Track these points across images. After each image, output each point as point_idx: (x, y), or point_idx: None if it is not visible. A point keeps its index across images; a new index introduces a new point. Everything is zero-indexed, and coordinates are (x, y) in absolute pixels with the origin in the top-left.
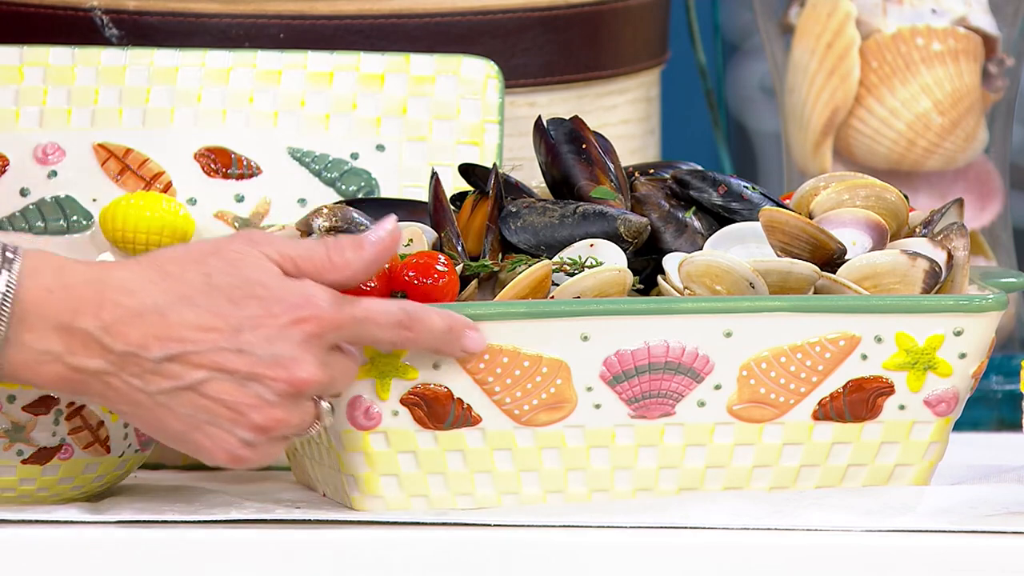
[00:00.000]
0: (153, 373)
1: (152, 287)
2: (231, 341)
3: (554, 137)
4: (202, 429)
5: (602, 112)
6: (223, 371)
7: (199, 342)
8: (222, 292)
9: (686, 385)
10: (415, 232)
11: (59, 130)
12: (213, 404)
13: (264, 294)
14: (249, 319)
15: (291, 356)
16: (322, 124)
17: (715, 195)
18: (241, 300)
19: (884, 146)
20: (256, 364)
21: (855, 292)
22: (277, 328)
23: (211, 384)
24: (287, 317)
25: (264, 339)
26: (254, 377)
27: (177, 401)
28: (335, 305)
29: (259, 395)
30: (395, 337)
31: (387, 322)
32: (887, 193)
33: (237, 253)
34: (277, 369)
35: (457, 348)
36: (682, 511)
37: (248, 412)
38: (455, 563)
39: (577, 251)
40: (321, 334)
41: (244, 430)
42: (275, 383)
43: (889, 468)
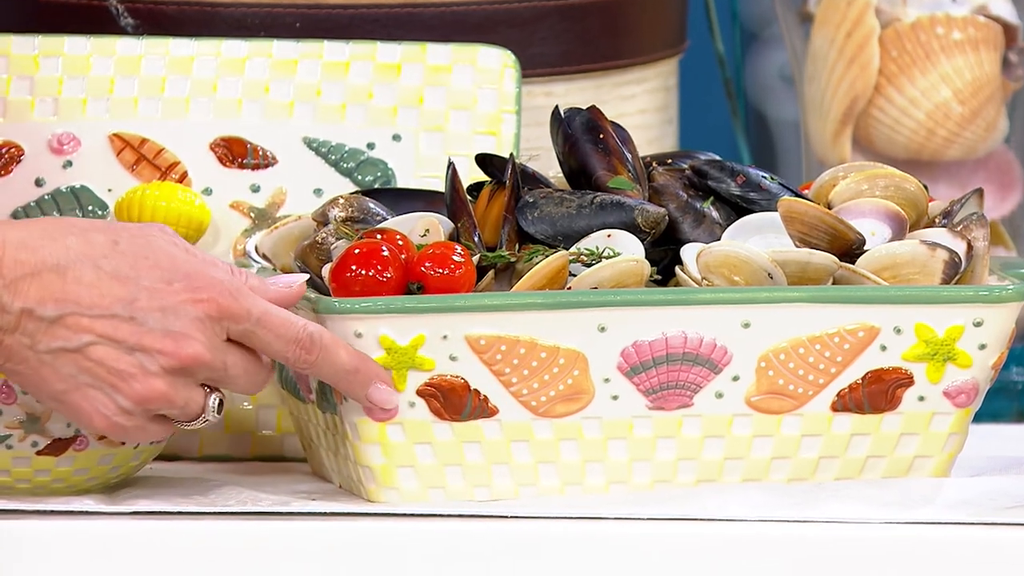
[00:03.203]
0: (44, 332)
1: (54, 245)
2: (126, 308)
3: (571, 127)
4: (82, 391)
5: (620, 102)
6: (111, 337)
7: (93, 306)
8: (126, 258)
9: (704, 376)
10: (432, 223)
11: (74, 120)
12: (96, 367)
13: (168, 265)
14: (148, 288)
15: (181, 331)
16: (338, 114)
17: (733, 185)
18: (144, 268)
19: (903, 136)
20: (145, 334)
21: (874, 283)
22: (173, 301)
23: (96, 348)
24: (186, 293)
25: (158, 309)
26: (140, 346)
27: (61, 361)
28: (237, 295)
29: (142, 365)
30: (291, 355)
31: (285, 334)
32: (906, 183)
33: (151, 228)
34: (165, 341)
35: (362, 395)
36: (700, 503)
37: (129, 380)
38: (472, 555)
39: (594, 241)
40: (218, 318)
41: (124, 398)
42: (160, 355)
43: (908, 460)
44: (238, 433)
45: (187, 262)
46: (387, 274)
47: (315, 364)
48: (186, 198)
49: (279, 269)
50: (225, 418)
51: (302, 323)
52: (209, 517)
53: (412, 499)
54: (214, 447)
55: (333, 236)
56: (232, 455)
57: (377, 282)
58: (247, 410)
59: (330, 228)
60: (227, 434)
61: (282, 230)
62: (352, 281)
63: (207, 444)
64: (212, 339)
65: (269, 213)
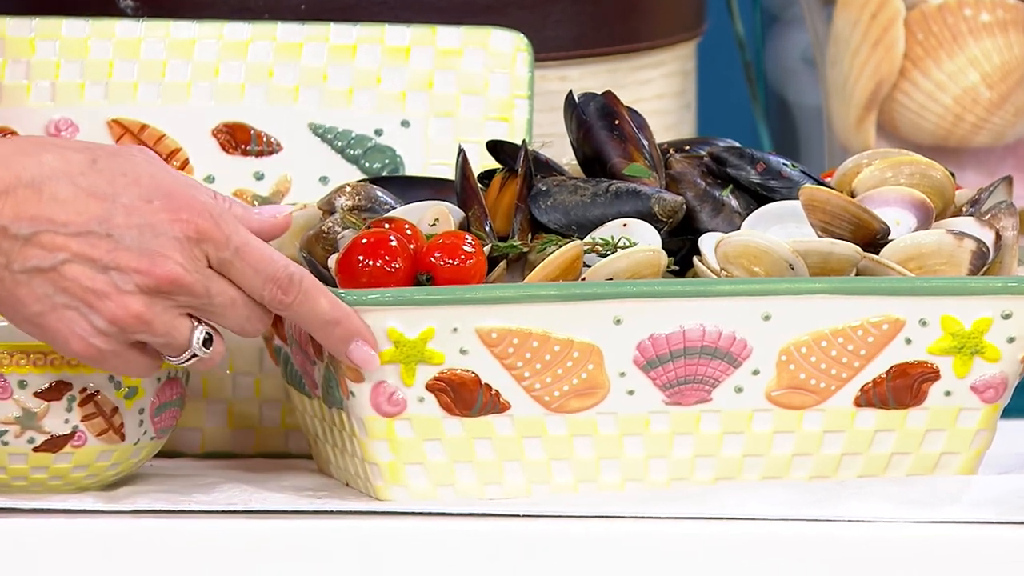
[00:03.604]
0: (18, 251)
1: (29, 161)
2: (102, 225)
3: (586, 113)
4: (57, 312)
5: (636, 86)
6: (86, 255)
7: (68, 223)
8: (104, 175)
9: (723, 370)
10: (441, 211)
11: (72, 105)
12: (71, 286)
13: (148, 184)
14: (125, 206)
15: (158, 250)
16: (345, 99)
17: (753, 173)
18: (122, 186)
19: (930, 121)
20: (120, 252)
21: (899, 274)
22: (152, 219)
23: (71, 267)
24: (165, 212)
25: (135, 227)
26: (115, 264)
27: (37, 281)
28: (219, 219)
29: (116, 283)
30: (267, 293)
31: (263, 270)
32: (932, 170)
33: (132, 148)
34: (141, 260)
35: (340, 350)
36: (719, 501)
37: (103, 299)
38: (483, 555)
39: (610, 231)
40: (196, 240)
41: (99, 318)
42: (135, 274)
43: (934, 457)
44: (241, 429)
45: (168, 181)
46: (395, 265)
47: (291, 307)
48: None
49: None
50: (228, 414)
51: (284, 261)
52: (211, 516)
53: (421, 497)
54: (216, 443)
55: (339, 225)
56: (235, 451)
57: (385, 273)
58: (251, 405)
59: (336, 217)
60: (230, 430)
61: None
62: (359, 272)
63: (209, 440)
64: (191, 261)
65: (273, 202)
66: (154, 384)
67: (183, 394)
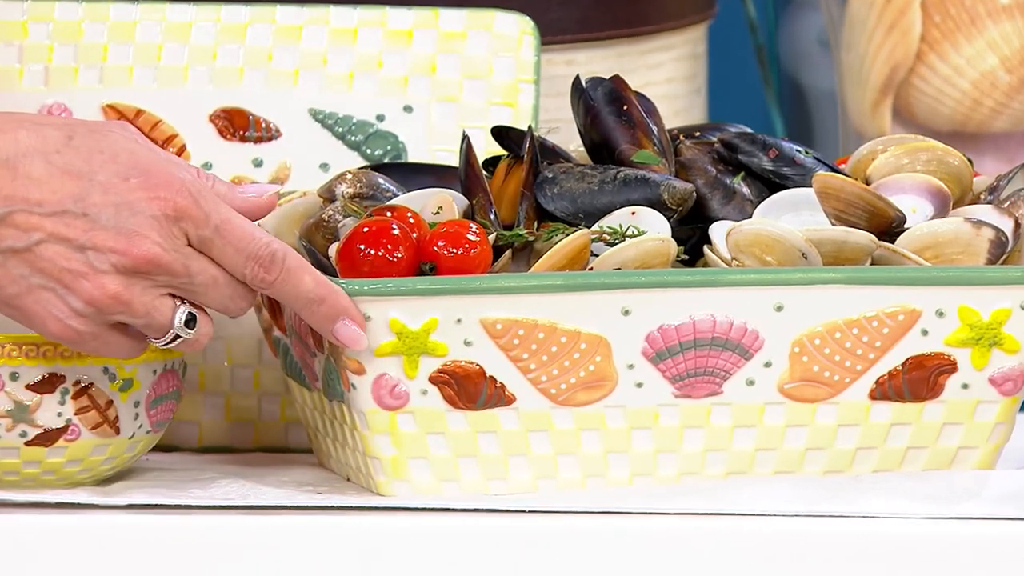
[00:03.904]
0: None
1: (3, 138)
2: (78, 204)
3: (593, 98)
4: (34, 293)
5: (645, 71)
6: (61, 235)
7: (43, 202)
8: (80, 153)
9: (734, 362)
10: (445, 199)
11: (66, 90)
12: (48, 267)
13: (126, 160)
14: (102, 184)
15: (135, 229)
16: (346, 84)
17: (765, 159)
18: (99, 163)
19: (947, 106)
20: (96, 231)
21: (915, 263)
22: (129, 197)
23: (47, 247)
24: (142, 191)
25: (112, 206)
26: (92, 244)
27: (13, 262)
28: (198, 197)
29: (93, 264)
30: (248, 272)
31: (244, 248)
32: (950, 157)
33: (111, 123)
34: (117, 239)
35: (326, 328)
36: (730, 496)
37: (80, 279)
38: (488, 552)
39: (618, 219)
40: (175, 219)
41: (76, 299)
42: (112, 254)
43: (952, 451)
44: (240, 422)
45: (147, 158)
46: (397, 254)
47: (274, 285)
48: None
49: None
50: (226, 407)
51: (266, 239)
52: (209, 511)
53: (424, 493)
54: (214, 437)
55: (340, 214)
56: (233, 446)
57: (387, 262)
58: (249, 398)
59: (337, 205)
60: (228, 423)
61: (286, 207)
62: (360, 261)
63: (207, 434)
64: (169, 240)
65: None
66: (150, 376)
67: (180, 387)
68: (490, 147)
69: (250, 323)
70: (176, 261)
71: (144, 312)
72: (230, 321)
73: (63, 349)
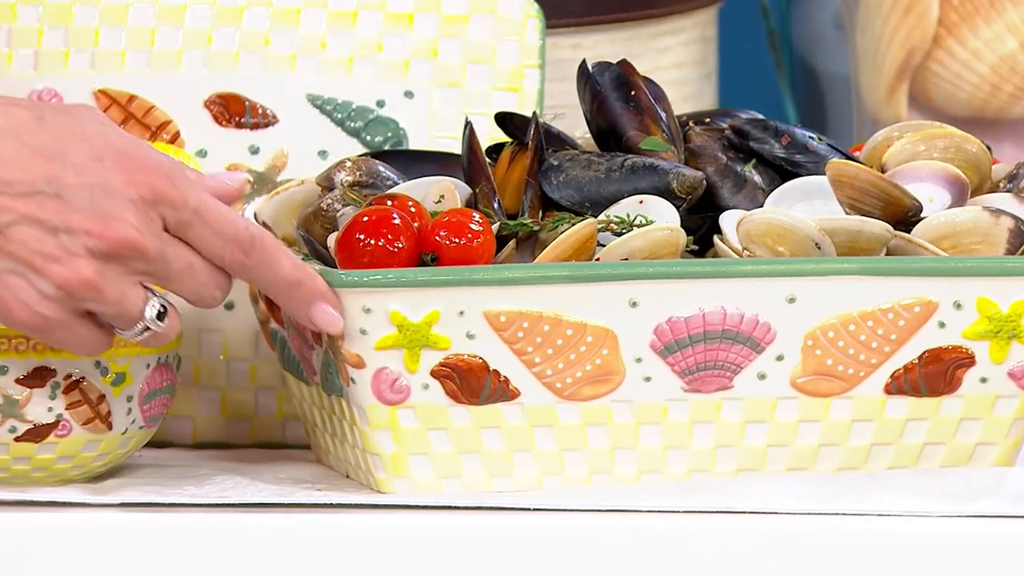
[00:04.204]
0: None
1: None
2: (51, 185)
3: (600, 83)
4: (2, 278)
5: (653, 55)
6: (34, 216)
7: (15, 183)
8: (51, 133)
9: (745, 356)
10: (447, 187)
11: (56, 75)
12: (18, 250)
13: (100, 142)
14: (76, 165)
15: (111, 211)
16: (345, 68)
17: (777, 146)
18: (72, 144)
19: (965, 91)
20: (71, 213)
21: (932, 253)
22: (104, 179)
23: (19, 229)
24: (119, 173)
25: (87, 187)
26: (66, 226)
27: None
28: (175, 179)
29: (66, 246)
30: (227, 255)
31: (223, 230)
32: (968, 144)
33: (80, 105)
34: (93, 221)
35: (302, 312)
36: (741, 494)
37: (52, 263)
38: (491, 551)
39: (625, 208)
40: (152, 202)
41: (46, 282)
42: (87, 237)
43: (969, 447)
44: (236, 418)
45: (120, 140)
46: (398, 244)
47: (252, 269)
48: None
49: (280, 237)
50: (221, 401)
51: (244, 222)
52: (204, 509)
53: (425, 490)
54: (209, 433)
55: (339, 202)
56: (229, 441)
57: (387, 252)
58: (245, 393)
59: (336, 194)
60: (223, 418)
61: (283, 196)
62: (360, 251)
63: (202, 430)
64: (147, 224)
65: (269, 177)
66: (143, 370)
67: (174, 381)
68: (494, 134)
69: (246, 315)
70: (153, 246)
71: (116, 299)
72: (226, 313)
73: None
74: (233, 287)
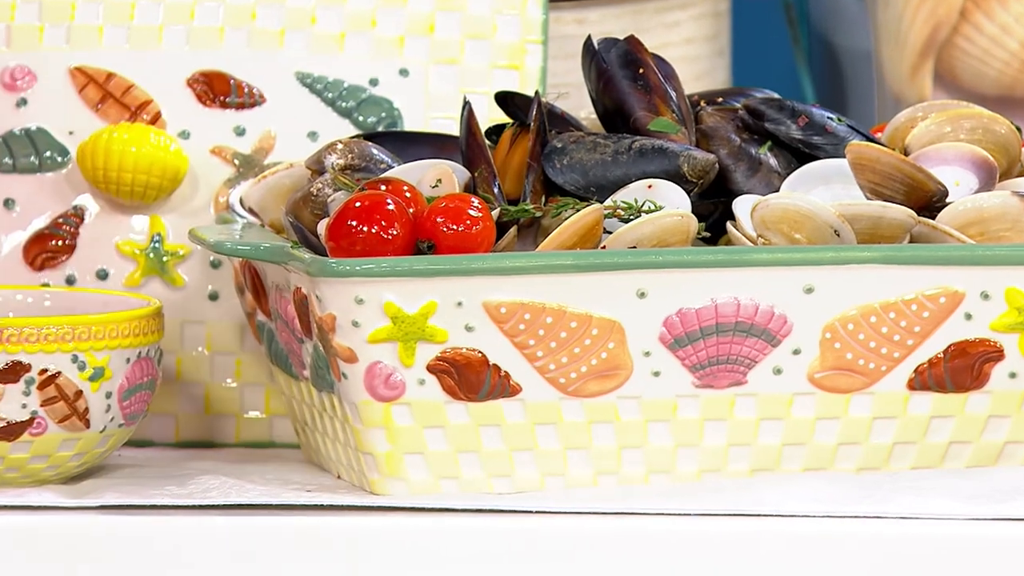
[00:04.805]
0: None
1: None
2: None
3: (606, 60)
4: None
5: (662, 30)
6: None
7: None
8: None
9: (760, 349)
10: (444, 171)
11: (30, 51)
12: None
13: None
14: None
15: None
16: (336, 44)
17: (794, 127)
18: None
19: (994, 68)
20: None
21: (958, 240)
22: None
23: None
24: None
25: None
26: None
27: None
28: None
29: None
30: None
31: None
32: (996, 124)
33: None
34: None
35: None
36: (755, 496)
37: None
38: (490, 556)
39: (633, 193)
40: None
41: None
42: None
43: (998, 446)
44: (220, 415)
45: None
46: (393, 231)
47: None
48: (159, 143)
49: (268, 224)
50: (205, 398)
51: None
52: (187, 511)
53: (421, 491)
54: (193, 431)
55: (330, 187)
56: (214, 440)
57: (381, 240)
58: (230, 389)
59: (326, 178)
60: (207, 416)
61: (271, 180)
62: (352, 239)
63: (185, 428)
64: None
65: (256, 160)
66: (123, 365)
67: (155, 376)
68: (494, 114)
69: (231, 306)
70: None
71: None
72: (210, 304)
73: (28, 335)
74: (218, 276)
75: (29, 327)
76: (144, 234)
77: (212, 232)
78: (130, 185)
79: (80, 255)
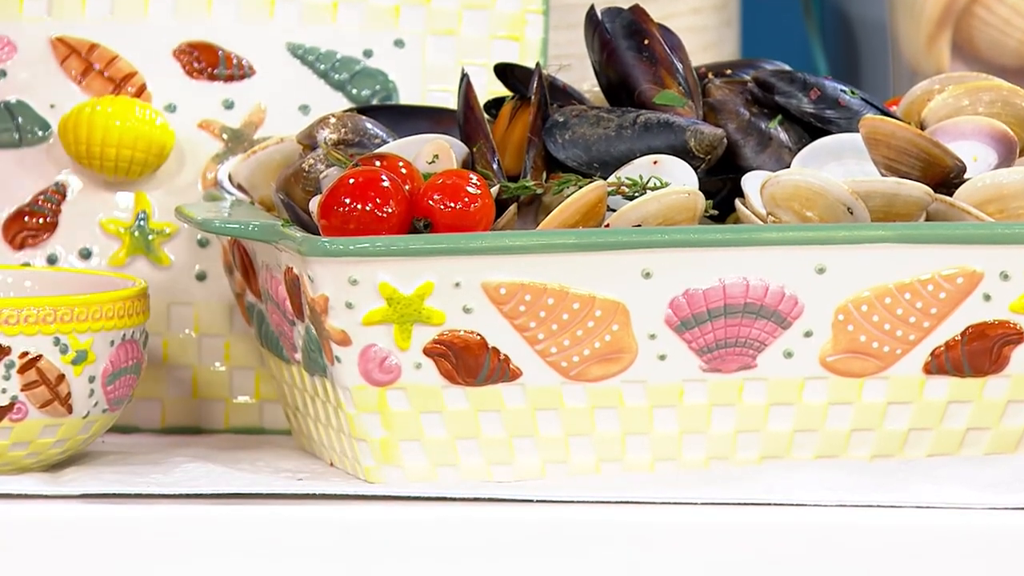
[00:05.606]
0: None
1: None
2: None
3: (610, 31)
4: None
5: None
6: None
7: None
8: None
9: (770, 332)
10: (441, 146)
11: (10, 20)
12: None
13: None
14: None
15: None
16: (328, 14)
17: (806, 101)
18: None
19: (1014, 39)
20: None
21: (976, 218)
22: None
23: None
24: None
25: None
26: None
27: None
28: None
29: None
30: None
31: None
32: (1017, 97)
33: None
34: None
35: None
36: (764, 484)
37: None
38: (489, 546)
39: (638, 169)
40: None
41: None
42: None
43: (1017, 432)
44: (208, 400)
45: None
46: (388, 209)
47: None
48: (145, 116)
49: (257, 202)
50: (193, 382)
51: None
52: (173, 500)
53: (418, 480)
54: (180, 417)
55: (322, 163)
56: (201, 426)
57: (376, 218)
58: (219, 373)
59: (319, 153)
60: (195, 401)
61: (261, 155)
62: (346, 217)
63: (171, 414)
64: None
65: (245, 134)
66: (107, 348)
67: (140, 359)
68: (493, 87)
69: (220, 287)
70: None
71: None
72: (197, 285)
73: (8, 316)
74: (206, 255)
75: (9, 308)
76: (129, 211)
77: (200, 209)
78: (114, 160)
79: (62, 233)
